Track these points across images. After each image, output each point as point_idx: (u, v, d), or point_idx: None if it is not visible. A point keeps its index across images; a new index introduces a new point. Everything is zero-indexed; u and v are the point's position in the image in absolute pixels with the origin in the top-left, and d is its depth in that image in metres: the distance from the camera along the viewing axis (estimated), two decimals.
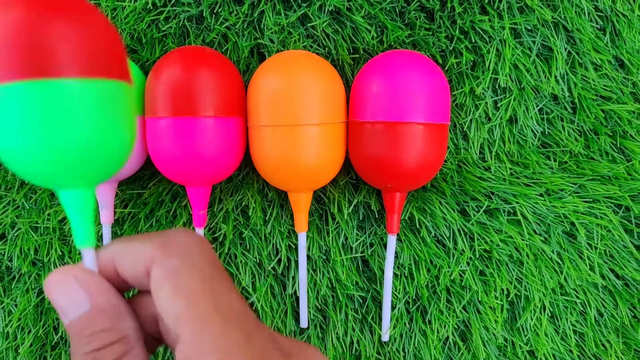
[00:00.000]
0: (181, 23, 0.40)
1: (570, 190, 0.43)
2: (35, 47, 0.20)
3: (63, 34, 0.21)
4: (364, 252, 0.42)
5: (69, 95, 0.21)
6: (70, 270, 0.22)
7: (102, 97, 0.22)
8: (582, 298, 0.43)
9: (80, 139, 0.22)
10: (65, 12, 0.21)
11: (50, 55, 0.20)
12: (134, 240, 0.23)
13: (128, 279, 0.23)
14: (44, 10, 0.21)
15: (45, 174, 0.22)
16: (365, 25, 0.40)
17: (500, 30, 0.40)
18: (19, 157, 0.22)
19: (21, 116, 0.21)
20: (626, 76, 0.42)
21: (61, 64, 0.20)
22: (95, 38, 0.22)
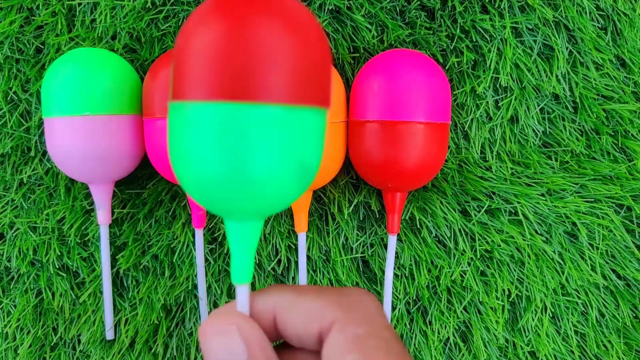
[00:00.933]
0: (180, 22, 0.40)
1: (572, 190, 0.42)
2: (245, 70, 0.18)
3: (277, 59, 0.19)
4: (364, 252, 0.42)
5: (271, 121, 0.19)
6: (231, 318, 0.21)
7: (304, 125, 0.20)
8: (583, 298, 0.43)
9: (274, 167, 0.19)
10: (282, 32, 0.19)
11: (260, 79, 0.18)
12: (304, 293, 0.21)
13: (290, 334, 0.21)
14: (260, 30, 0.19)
15: (225, 198, 0.20)
16: (366, 24, 0.39)
17: (501, 29, 0.40)
18: (199, 182, 0.20)
19: (218, 137, 0.19)
20: (627, 75, 0.42)
21: (271, 89, 0.19)
22: (310, 64, 0.19)
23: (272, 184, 0.20)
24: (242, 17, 0.18)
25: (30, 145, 0.42)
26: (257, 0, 0.19)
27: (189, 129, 0.19)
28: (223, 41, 0.18)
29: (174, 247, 0.42)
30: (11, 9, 0.41)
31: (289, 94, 0.19)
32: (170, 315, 0.42)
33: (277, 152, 0.19)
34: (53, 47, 0.40)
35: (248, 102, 0.18)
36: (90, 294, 0.42)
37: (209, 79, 0.18)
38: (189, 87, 0.19)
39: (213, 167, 0.19)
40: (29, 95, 0.41)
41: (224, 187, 0.20)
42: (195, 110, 0.19)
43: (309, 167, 0.21)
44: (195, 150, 0.19)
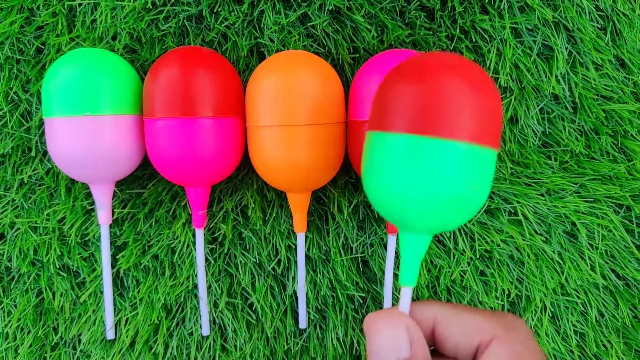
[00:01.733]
0: (181, 22, 0.40)
1: (571, 190, 0.43)
2: (436, 110, 0.23)
3: (462, 103, 0.24)
4: (364, 252, 0.42)
5: (458, 155, 0.23)
6: (402, 317, 0.24)
7: (479, 163, 0.24)
8: (583, 298, 0.43)
9: (448, 196, 0.24)
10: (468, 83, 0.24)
11: (451, 120, 0.23)
12: (463, 309, 0.24)
13: (448, 345, 0.24)
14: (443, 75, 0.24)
15: (401, 216, 0.25)
16: (366, 25, 0.39)
17: (500, 29, 0.40)
18: (386, 197, 0.25)
19: (406, 166, 0.24)
20: (627, 76, 0.42)
21: (457, 128, 0.23)
22: (489, 110, 0.24)
23: (447, 208, 0.24)
24: (437, 78, 0.24)
25: (30, 145, 0.42)
26: (448, 65, 0.24)
27: (389, 154, 0.24)
28: (424, 92, 0.24)
29: (174, 247, 0.42)
30: (12, 9, 0.41)
31: (471, 134, 0.24)
32: (171, 315, 0.42)
33: (456, 182, 0.24)
34: (53, 47, 0.40)
35: (438, 137, 0.23)
36: (90, 294, 0.42)
37: (411, 118, 0.24)
38: (394, 121, 0.24)
39: (402, 187, 0.24)
40: (30, 95, 0.41)
41: (406, 206, 0.24)
42: (397, 140, 0.24)
43: (477, 199, 0.25)
44: (390, 174, 0.24)
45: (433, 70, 0.24)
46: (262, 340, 0.42)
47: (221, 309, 0.42)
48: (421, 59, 0.25)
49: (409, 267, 0.26)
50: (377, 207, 0.26)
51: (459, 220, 0.25)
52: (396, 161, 0.24)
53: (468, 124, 0.23)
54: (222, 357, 0.42)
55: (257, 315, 0.42)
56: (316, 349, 0.42)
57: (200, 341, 0.42)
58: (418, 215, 0.24)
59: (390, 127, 0.24)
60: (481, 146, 0.24)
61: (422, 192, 0.24)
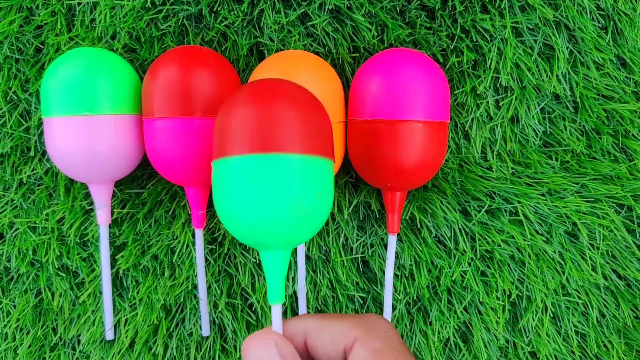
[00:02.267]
0: (180, 22, 0.40)
1: (572, 190, 0.42)
2: (267, 129, 0.25)
3: (290, 119, 0.25)
4: (365, 252, 0.42)
5: (292, 168, 0.25)
6: (270, 336, 0.25)
7: (316, 172, 0.26)
8: (584, 299, 0.43)
9: (294, 208, 0.25)
10: (296, 104, 0.26)
11: (278, 134, 0.25)
12: (329, 318, 0.26)
13: (318, 354, 0.25)
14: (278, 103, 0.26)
15: (256, 236, 0.26)
16: (366, 24, 0.39)
17: (501, 29, 0.40)
18: (238, 220, 0.26)
19: (249, 184, 0.25)
20: (628, 75, 0.42)
21: (286, 142, 0.25)
22: (314, 123, 0.26)
23: (294, 220, 0.25)
24: (267, 102, 0.26)
25: (29, 145, 0.42)
26: (276, 91, 0.26)
27: (232, 177, 0.25)
28: (256, 114, 0.25)
29: (174, 247, 0.42)
30: (11, 8, 0.40)
31: (302, 146, 0.25)
32: (170, 315, 0.42)
33: (297, 192, 0.25)
34: (52, 46, 0.40)
35: (272, 153, 0.25)
36: (90, 294, 0.42)
37: (246, 139, 0.25)
38: (230, 145, 0.25)
39: (250, 207, 0.25)
40: (29, 95, 0.41)
41: (258, 225, 0.25)
42: (236, 162, 0.25)
43: (322, 206, 0.26)
44: (236, 196, 0.25)
45: (262, 95, 0.26)
46: None
47: (221, 309, 0.42)
48: (249, 87, 0.27)
49: (274, 284, 0.27)
50: (235, 234, 0.27)
51: (310, 230, 0.27)
52: (239, 182, 0.25)
53: (298, 137, 0.25)
54: (222, 357, 0.42)
55: (257, 315, 0.42)
56: None
57: (200, 342, 0.42)
58: (271, 232, 0.25)
59: (228, 152, 0.25)
60: (314, 156, 0.26)
61: (270, 208, 0.25)
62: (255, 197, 0.25)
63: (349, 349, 0.24)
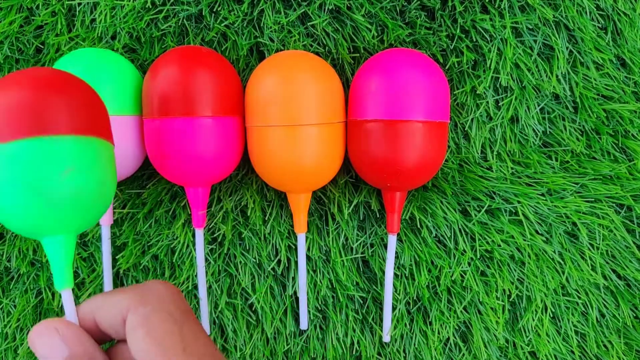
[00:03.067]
0: (180, 22, 0.40)
1: (572, 190, 0.42)
2: (34, 111, 0.24)
3: (58, 101, 0.24)
4: (365, 252, 0.42)
5: (62, 150, 0.24)
6: (51, 323, 0.25)
7: (89, 153, 0.25)
8: (583, 298, 0.43)
9: (68, 190, 0.25)
10: (59, 86, 0.25)
11: (46, 116, 0.24)
12: (111, 293, 0.26)
13: (107, 329, 0.25)
14: (43, 87, 0.25)
15: (31, 223, 0.25)
16: (366, 24, 0.39)
17: (501, 29, 0.40)
18: (7, 209, 0.25)
19: (16, 171, 0.24)
20: (628, 75, 0.42)
21: (56, 123, 0.24)
22: (82, 103, 0.26)
23: (68, 208, 0.25)
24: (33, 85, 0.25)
25: None
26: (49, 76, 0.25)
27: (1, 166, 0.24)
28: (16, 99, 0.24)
29: (174, 247, 0.42)
30: (11, 8, 0.40)
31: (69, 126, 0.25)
32: None
33: (46, 175, 0.24)
34: (53, 47, 0.40)
35: (37, 136, 0.24)
36: (90, 294, 0.42)
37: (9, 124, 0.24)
38: None
39: (12, 198, 0.24)
40: None
41: (23, 213, 0.24)
42: None
43: (95, 189, 0.26)
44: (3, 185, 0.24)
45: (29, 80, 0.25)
46: (262, 340, 0.42)
47: (221, 309, 0.42)
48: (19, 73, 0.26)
49: (59, 270, 0.26)
50: (9, 226, 0.26)
51: (89, 213, 0.26)
52: (6, 170, 0.24)
53: (61, 118, 0.24)
54: None
55: (257, 315, 0.42)
56: (316, 349, 0.42)
57: None
58: (40, 218, 0.25)
59: None
60: (80, 136, 0.25)
61: (19, 191, 0.24)
62: (20, 185, 0.24)
63: (126, 319, 0.24)
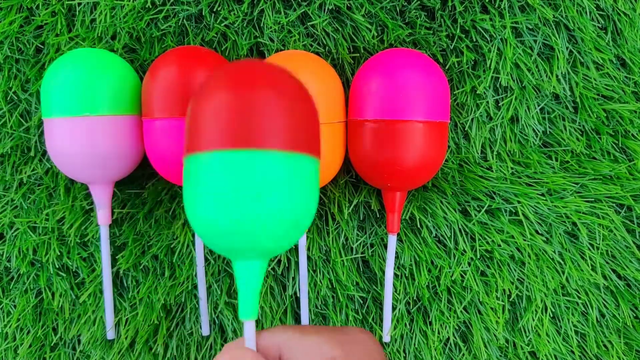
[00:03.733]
0: (180, 22, 0.40)
1: (572, 190, 0.42)
2: (246, 121, 0.22)
3: (271, 111, 0.22)
4: (365, 252, 0.42)
5: (272, 167, 0.22)
6: (244, 352, 0.23)
7: (299, 171, 0.23)
8: (583, 298, 0.43)
9: (273, 212, 0.22)
10: (277, 91, 0.23)
11: (258, 129, 0.22)
12: (306, 332, 0.23)
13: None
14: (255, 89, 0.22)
15: (229, 243, 0.23)
16: (366, 24, 0.39)
17: (501, 29, 0.40)
18: (209, 224, 0.22)
19: (222, 184, 0.22)
20: (628, 75, 0.42)
21: (268, 137, 0.22)
22: (301, 117, 0.23)
23: (272, 222, 0.22)
24: (245, 89, 0.22)
25: (30, 145, 0.42)
26: (258, 75, 0.23)
27: (204, 175, 0.22)
28: (233, 104, 0.22)
29: (174, 247, 0.42)
30: (11, 8, 0.40)
31: (284, 142, 0.22)
32: (170, 315, 0.42)
33: (276, 195, 0.22)
34: (53, 47, 0.40)
35: (251, 148, 0.21)
36: (90, 294, 0.42)
37: (220, 132, 0.22)
38: (204, 139, 0.22)
39: (223, 207, 0.22)
40: (29, 95, 0.41)
41: (232, 227, 0.22)
42: (209, 158, 0.22)
43: (305, 210, 0.23)
44: (208, 196, 0.22)
45: (240, 80, 0.23)
46: None
47: (221, 309, 0.42)
48: (226, 71, 0.24)
49: (247, 298, 0.24)
50: (206, 240, 0.24)
51: (289, 238, 0.24)
52: (211, 181, 0.22)
53: (280, 131, 0.22)
54: None
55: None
56: None
57: (200, 341, 0.42)
58: (246, 239, 0.22)
59: (199, 146, 0.22)
60: (296, 153, 0.23)
61: (244, 208, 0.22)
62: (228, 198, 0.22)
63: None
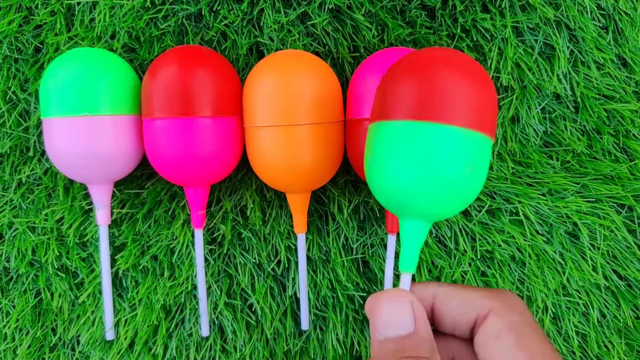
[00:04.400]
0: (180, 21, 0.40)
1: (573, 190, 0.42)
2: (437, 98, 0.25)
3: (461, 92, 0.25)
4: (365, 252, 0.42)
5: (455, 140, 0.25)
6: (405, 295, 0.24)
7: (475, 149, 0.25)
8: (584, 299, 0.43)
9: (445, 181, 0.25)
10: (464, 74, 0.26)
11: (449, 106, 0.25)
12: (461, 287, 0.25)
13: (445, 321, 0.24)
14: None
15: (400, 203, 0.26)
16: (366, 24, 0.39)
17: (502, 28, 0.40)
18: (387, 184, 0.26)
19: (406, 151, 0.25)
20: (629, 75, 0.42)
21: (454, 114, 0.24)
22: (486, 100, 0.26)
23: (444, 191, 0.25)
24: (434, 68, 0.26)
25: (29, 145, 0.42)
26: (444, 57, 0.26)
27: (390, 141, 0.25)
28: (423, 81, 0.25)
29: (174, 247, 0.42)
30: (10, 8, 0.40)
31: (468, 120, 0.25)
32: (170, 315, 0.42)
33: (453, 165, 0.25)
34: (52, 46, 0.40)
35: (437, 122, 0.24)
36: (89, 295, 0.42)
37: (411, 106, 0.25)
38: (394, 110, 0.26)
39: (402, 171, 0.25)
40: (28, 95, 0.41)
41: (406, 189, 0.25)
42: (398, 126, 0.25)
43: (473, 185, 0.26)
44: (391, 159, 0.25)
45: (430, 62, 0.26)
46: (262, 341, 0.42)
47: (220, 309, 0.41)
48: (419, 53, 0.27)
49: (408, 253, 0.27)
50: (379, 195, 0.27)
51: (455, 206, 0.26)
52: (397, 146, 0.25)
53: (465, 110, 0.25)
54: (222, 358, 0.42)
55: (256, 316, 0.42)
56: (316, 350, 0.42)
57: (200, 342, 0.42)
58: (417, 199, 0.25)
59: (391, 115, 0.25)
60: (477, 132, 0.25)
61: (421, 174, 0.24)
62: (409, 162, 0.25)
63: (481, 319, 0.23)
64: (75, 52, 0.36)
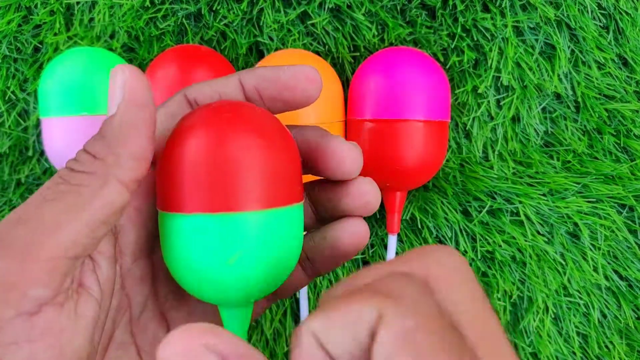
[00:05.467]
0: (179, 21, 0.40)
1: (574, 190, 0.42)
2: (221, 185, 0.21)
3: (247, 174, 0.21)
4: (365, 253, 0.42)
5: (249, 226, 0.21)
6: (195, 337, 0.15)
7: (279, 224, 0.22)
8: (585, 299, 0.42)
9: (254, 267, 0.22)
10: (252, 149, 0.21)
11: (234, 193, 0.21)
12: (349, 300, 0.15)
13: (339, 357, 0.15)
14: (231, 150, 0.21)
15: (216, 292, 0.23)
16: (366, 23, 0.39)
17: (502, 28, 0.40)
18: (193, 279, 0.22)
19: (209, 243, 0.21)
20: (630, 75, 0.42)
21: (244, 200, 0.21)
22: (278, 168, 0.22)
23: (255, 279, 0.22)
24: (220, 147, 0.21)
25: (28, 145, 0.42)
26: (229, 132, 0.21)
27: (184, 237, 0.22)
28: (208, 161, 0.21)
29: None
30: (9, 7, 0.40)
31: (260, 201, 0.21)
32: None
33: (257, 251, 0.22)
34: (51, 46, 0.40)
35: (225, 213, 0.21)
36: None
37: (199, 196, 0.21)
38: (183, 202, 0.22)
39: (204, 269, 0.22)
40: (27, 94, 0.41)
41: (212, 286, 0.22)
42: (189, 221, 0.22)
43: (288, 259, 0.23)
44: (189, 255, 0.22)
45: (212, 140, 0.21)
46: (262, 342, 0.42)
47: None
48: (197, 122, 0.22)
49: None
50: (191, 291, 0.23)
51: (272, 283, 0.23)
52: (194, 241, 0.22)
53: (255, 192, 0.21)
54: None
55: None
56: None
57: None
58: (230, 292, 0.22)
59: (180, 207, 0.22)
60: (275, 209, 0.21)
61: (226, 269, 0.21)
62: (210, 257, 0.21)
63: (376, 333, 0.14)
64: (74, 51, 0.36)
